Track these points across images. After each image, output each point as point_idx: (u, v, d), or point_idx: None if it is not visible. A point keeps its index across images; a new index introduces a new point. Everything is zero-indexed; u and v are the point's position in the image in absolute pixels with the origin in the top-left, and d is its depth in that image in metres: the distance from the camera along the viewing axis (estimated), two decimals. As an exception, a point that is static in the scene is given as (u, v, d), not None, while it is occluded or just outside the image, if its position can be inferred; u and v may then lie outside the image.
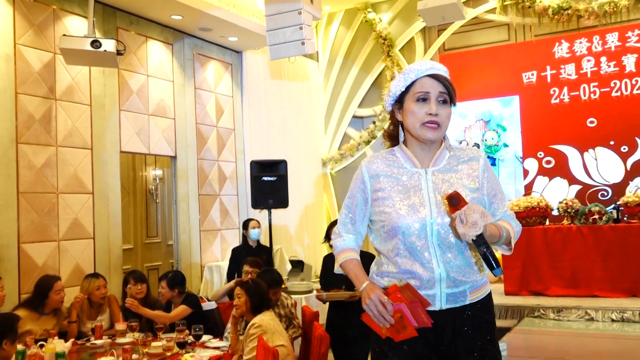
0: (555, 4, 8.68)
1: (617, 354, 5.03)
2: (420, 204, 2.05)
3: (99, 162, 6.28)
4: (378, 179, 2.15)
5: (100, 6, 6.30)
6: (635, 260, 6.70)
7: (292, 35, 6.95)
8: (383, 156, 2.20)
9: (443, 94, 2.06)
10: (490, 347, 2.10)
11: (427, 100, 2.06)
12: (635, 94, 8.40)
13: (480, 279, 2.12)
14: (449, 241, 2.04)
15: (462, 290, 2.06)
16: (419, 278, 2.03)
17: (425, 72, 2.08)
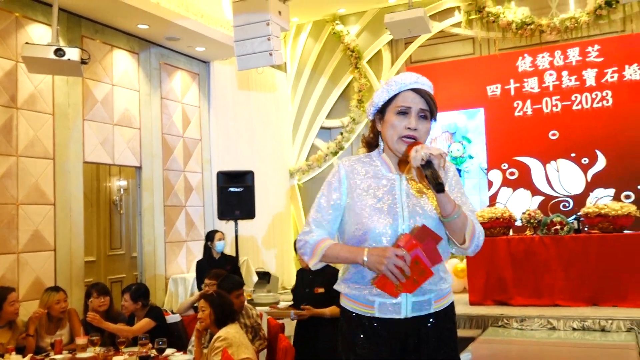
0: (518, 19, 8.86)
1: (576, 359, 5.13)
2: (393, 209, 2.05)
3: (61, 173, 6.19)
4: (354, 181, 2.14)
5: (65, 14, 6.24)
6: (596, 269, 6.79)
7: (260, 46, 6.96)
8: (360, 159, 2.20)
9: (424, 110, 2.08)
10: (453, 355, 2.13)
11: (408, 115, 2.06)
12: (595, 107, 8.60)
13: (444, 289, 2.12)
14: None
15: (428, 299, 2.07)
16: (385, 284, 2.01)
17: (408, 86, 2.09)
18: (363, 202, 2.09)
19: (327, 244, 2.06)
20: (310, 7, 9.43)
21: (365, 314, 2.08)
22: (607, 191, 8.48)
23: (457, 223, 1.98)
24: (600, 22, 8.59)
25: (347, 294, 2.13)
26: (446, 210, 1.96)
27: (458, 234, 2.00)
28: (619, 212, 6.89)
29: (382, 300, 2.04)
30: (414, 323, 2.06)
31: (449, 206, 1.96)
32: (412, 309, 2.05)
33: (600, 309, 6.55)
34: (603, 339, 5.70)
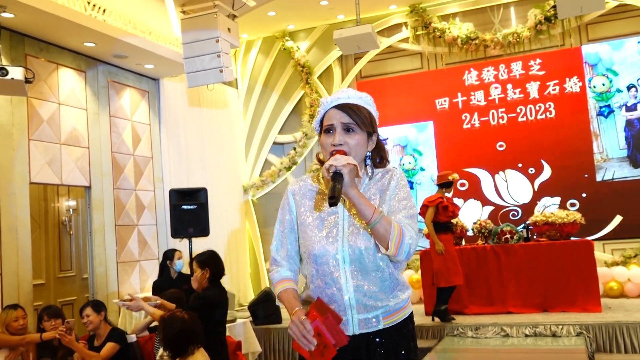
0: (463, 34, 9.03)
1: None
2: (335, 232, 2.05)
3: (6, 195, 6.00)
4: (301, 204, 2.16)
5: (8, 32, 6.07)
6: (545, 276, 6.97)
7: (210, 63, 6.92)
8: (309, 181, 2.20)
9: (347, 123, 2.05)
10: None
11: (333, 131, 2.06)
12: (539, 119, 8.82)
13: (395, 305, 2.10)
14: (362, 266, 2.03)
15: (375, 316, 2.06)
16: (332, 304, 2.02)
17: (330, 105, 2.10)
18: (306, 223, 2.11)
19: (280, 288, 2.11)
20: (259, 23, 9.44)
21: None
22: (553, 199, 8.67)
23: (379, 229, 1.95)
24: (541, 37, 8.83)
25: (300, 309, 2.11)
26: (365, 217, 1.95)
27: (381, 240, 1.97)
28: (565, 220, 7.13)
29: None
30: (362, 339, 2.06)
31: (367, 213, 1.94)
32: (359, 326, 2.04)
33: (551, 315, 6.75)
34: (554, 344, 5.82)
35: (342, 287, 2.03)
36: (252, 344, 6.60)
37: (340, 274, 2.03)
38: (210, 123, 9.32)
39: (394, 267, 2.09)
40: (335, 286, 2.03)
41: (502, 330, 6.35)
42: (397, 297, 2.11)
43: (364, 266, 2.04)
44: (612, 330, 6.04)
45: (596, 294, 6.81)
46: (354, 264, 2.03)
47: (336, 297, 2.03)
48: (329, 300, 2.03)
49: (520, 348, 5.82)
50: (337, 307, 2.03)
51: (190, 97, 8.92)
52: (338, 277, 2.03)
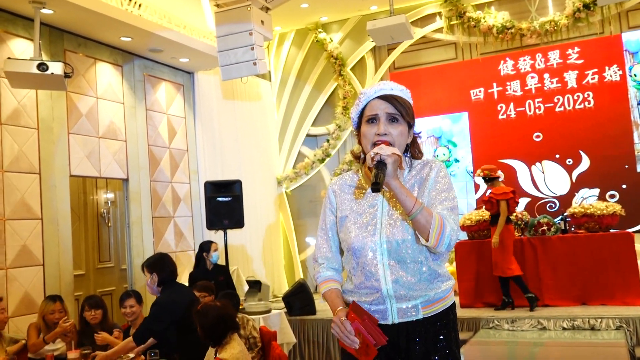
0: (499, 23, 8.98)
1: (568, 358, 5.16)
2: (373, 224, 2.09)
3: (47, 187, 6.14)
4: (341, 200, 2.21)
5: (47, 28, 6.20)
6: (583, 269, 6.91)
7: (244, 56, 6.97)
8: (348, 177, 2.25)
9: (391, 113, 2.08)
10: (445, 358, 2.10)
11: (376, 121, 2.08)
12: (577, 108, 8.72)
13: (434, 295, 2.10)
14: (400, 258, 2.05)
15: (414, 305, 2.07)
16: (373, 293, 2.06)
17: (373, 95, 2.11)
18: (346, 217, 2.16)
19: (325, 288, 2.19)
20: (292, 15, 9.48)
21: None
22: (592, 191, 8.61)
23: (420, 220, 1.96)
24: (579, 25, 8.74)
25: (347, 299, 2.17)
26: (406, 208, 1.97)
27: (422, 231, 1.98)
28: (605, 212, 7.05)
29: (369, 307, 2.07)
30: (402, 328, 2.08)
31: (408, 204, 1.96)
32: (398, 316, 2.07)
33: (589, 308, 6.69)
34: (593, 337, 5.80)
35: (380, 278, 2.05)
36: (286, 334, 6.67)
37: (378, 265, 2.06)
38: (244, 116, 9.41)
39: (433, 258, 2.09)
40: (373, 278, 2.06)
41: (539, 323, 6.31)
42: (437, 287, 2.11)
43: (402, 258, 2.06)
44: None
45: (636, 287, 6.70)
46: (391, 256, 2.06)
47: (375, 288, 2.06)
48: (366, 290, 2.07)
49: (557, 341, 5.79)
50: (376, 297, 2.06)
51: (225, 90, 9.00)
52: (377, 269, 2.06)
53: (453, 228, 2.00)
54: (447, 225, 1.97)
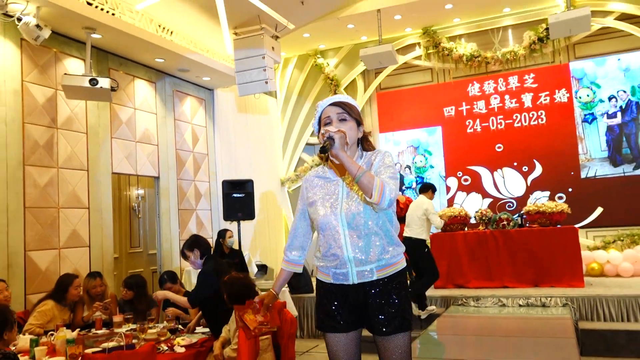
0: (468, 52, 9.10)
1: (523, 331, 5.18)
2: (336, 204, 2.16)
3: (93, 182, 6.19)
4: (312, 189, 2.27)
5: (95, 50, 6.27)
6: (536, 257, 6.96)
7: (257, 76, 7.12)
8: (319, 170, 2.33)
9: (341, 113, 2.19)
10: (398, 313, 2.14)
11: (331, 122, 2.19)
12: (532, 124, 8.82)
13: (387, 260, 2.15)
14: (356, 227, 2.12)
15: (370, 269, 2.13)
16: (336, 259, 2.14)
17: (326, 104, 2.24)
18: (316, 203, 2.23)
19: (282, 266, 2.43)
20: (295, 43, 9.61)
21: (325, 281, 2.22)
22: (543, 193, 8.68)
23: (363, 181, 1.99)
24: (534, 55, 8.86)
25: (317, 266, 2.27)
26: (351, 173, 2.02)
27: (366, 191, 2.01)
28: (554, 210, 7.09)
29: (334, 271, 2.16)
30: (360, 288, 2.14)
31: (353, 169, 2.01)
32: (357, 277, 2.13)
33: (541, 289, 6.73)
34: (544, 312, 5.83)
35: (342, 246, 2.11)
36: (290, 308, 6.73)
37: (340, 236, 2.12)
38: (254, 126, 9.46)
39: (385, 230, 2.15)
40: (337, 245, 2.12)
41: (500, 301, 6.37)
42: (389, 254, 2.15)
43: (358, 229, 2.11)
44: (593, 302, 6.05)
45: (580, 272, 6.78)
46: (350, 227, 2.11)
47: (338, 255, 2.12)
48: (331, 257, 2.15)
49: (514, 316, 5.81)
50: (339, 262, 2.13)
51: (239, 105, 9.08)
52: (339, 238, 2.12)
53: (392, 188, 2.04)
54: (386, 185, 2.02)
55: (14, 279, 5.05)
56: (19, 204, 5.28)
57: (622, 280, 7.22)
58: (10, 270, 5.08)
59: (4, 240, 5.10)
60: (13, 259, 5.16)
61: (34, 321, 4.38)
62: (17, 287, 5.10)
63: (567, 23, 6.92)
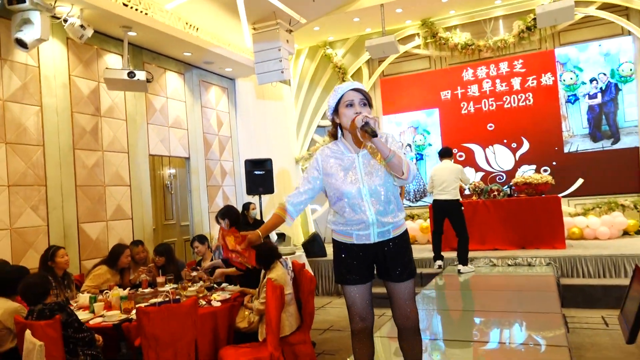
0: (462, 41, 9.09)
1: (512, 286, 5.31)
2: (355, 176, 2.27)
3: (133, 163, 6.33)
4: (328, 162, 2.32)
5: (131, 46, 6.36)
6: (523, 222, 7.08)
7: (274, 66, 7.20)
8: (330, 147, 2.39)
9: (362, 99, 2.30)
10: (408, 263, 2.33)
11: (353, 105, 2.28)
12: (520, 105, 8.84)
13: (398, 222, 2.29)
14: (377, 196, 2.23)
15: (387, 229, 2.28)
16: (361, 223, 2.24)
17: (348, 88, 2.32)
18: (334, 174, 2.30)
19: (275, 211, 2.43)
20: (307, 36, 9.63)
21: (347, 242, 2.32)
22: (530, 166, 8.72)
23: (394, 162, 2.12)
24: (523, 42, 8.83)
25: (336, 229, 2.35)
26: (384, 153, 2.13)
27: (397, 170, 2.13)
28: (540, 181, 7.23)
29: (357, 233, 2.27)
30: (380, 245, 2.28)
31: (385, 151, 2.12)
32: (378, 236, 2.27)
33: (527, 251, 6.88)
34: (530, 271, 5.97)
35: (366, 211, 2.23)
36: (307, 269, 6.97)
37: (365, 203, 2.23)
38: (271, 111, 9.52)
39: (396, 198, 2.28)
40: (362, 212, 2.23)
41: (491, 262, 6.52)
42: (399, 216, 2.30)
43: (378, 197, 2.23)
44: (573, 262, 6.19)
45: (562, 236, 6.91)
46: (372, 196, 2.23)
47: (363, 219, 2.23)
48: (357, 221, 2.23)
49: (504, 274, 5.95)
50: (364, 226, 2.24)
51: (257, 92, 9.15)
52: (363, 206, 2.23)
53: (414, 167, 2.22)
54: (411, 164, 2.19)
55: (70, 247, 5.25)
56: (71, 183, 5.45)
57: (600, 242, 7.35)
58: (66, 240, 5.29)
59: (60, 214, 5.30)
60: (68, 230, 5.36)
61: (90, 283, 4.61)
62: (73, 254, 5.30)
63: (553, 13, 6.92)
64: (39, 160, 5.12)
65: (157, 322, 3.11)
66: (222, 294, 4.12)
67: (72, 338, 3.07)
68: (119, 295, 3.93)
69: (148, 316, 3.11)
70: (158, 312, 3.13)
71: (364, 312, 2.29)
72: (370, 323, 2.32)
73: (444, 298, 5.13)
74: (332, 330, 5.52)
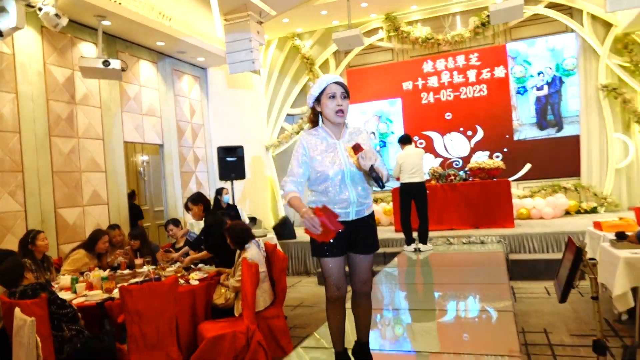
0: (423, 35, 9.23)
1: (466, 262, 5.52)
2: (338, 160, 2.37)
3: (108, 150, 6.25)
4: (313, 147, 2.38)
5: (104, 35, 6.22)
6: (477, 204, 7.31)
7: (245, 57, 7.12)
8: (312, 133, 2.44)
9: (343, 92, 2.39)
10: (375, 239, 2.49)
11: (335, 97, 2.36)
12: (475, 96, 9.06)
13: (370, 202, 2.43)
14: (356, 179, 2.35)
15: (363, 209, 2.42)
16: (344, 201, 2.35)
17: (332, 81, 2.41)
18: (317, 157, 2.36)
19: (291, 195, 2.32)
20: (276, 27, 9.58)
21: None
22: (484, 153, 8.96)
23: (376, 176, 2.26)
24: (478, 37, 9.03)
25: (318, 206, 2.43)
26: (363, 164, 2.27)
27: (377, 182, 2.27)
28: (492, 166, 7.45)
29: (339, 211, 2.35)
30: (356, 222, 2.41)
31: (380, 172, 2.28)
32: (355, 214, 2.39)
33: (480, 230, 7.11)
34: (482, 248, 6.18)
35: (349, 192, 2.34)
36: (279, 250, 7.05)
37: (347, 184, 2.34)
38: (241, 100, 9.44)
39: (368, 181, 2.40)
40: (345, 191, 2.34)
41: (448, 240, 6.72)
42: (370, 198, 2.44)
43: (356, 180, 2.35)
44: (520, 239, 6.45)
45: (511, 216, 7.13)
46: (353, 180, 2.34)
47: (345, 198, 2.34)
48: (340, 200, 2.34)
49: (459, 251, 6.14)
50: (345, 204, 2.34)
51: (228, 81, 9.07)
52: (345, 187, 2.34)
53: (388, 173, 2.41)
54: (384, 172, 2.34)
55: (48, 232, 5.17)
56: (47, 169, 5.36)
57: (544, 221, 7.66)
58: (43, 224, 5.21)
59: (37, 200, 5.21)
60: (45, 215, 5.29)
61: (69, 267, 4.56)
62: (51, 238, 5.23)
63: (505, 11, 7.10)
64: (15, 147, 5.01)
65: (140, 299, 3.17)
66: (200, 274, 4.17)
67: (56, 314, 3.09)
68: (100, 276, 3.94)
69: (131, 294, 3.16)
70: (141, 290, 3.18)
71: (340, 281, 2.42)
72: (344, 292, 2.45)
73: (405, 274, 5.32)
74: (303, 307, 5.65)
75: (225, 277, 4.11)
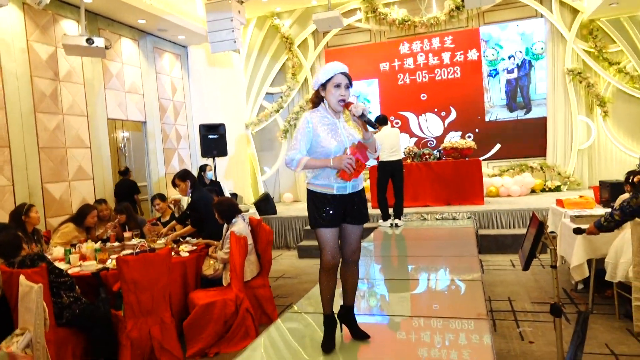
0: (400, 17, 9.33)
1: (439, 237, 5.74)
2: (340, 137, 2.52)
3: (93, 126, 6.25)
4: (317, 124, 2.48)
5: (86, 12, 6.15)
6: (449, 182, 7.52)
7: (227, 36, 7.14)
8: (315, 112, 2.54)
9: (348, 84, 2.55)
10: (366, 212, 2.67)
11: (340, 87, 2.51)
12: (449, 78, 9.27)
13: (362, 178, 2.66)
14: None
15: (357, 183, 2.59)
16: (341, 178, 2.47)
17: (339, 71, 2.55)
18: (322, 134, 2.48)
19: (307, 159, 2.45)
20: (256, 7, 9.54)
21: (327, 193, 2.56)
22: (456, 133, 9.22)
23: (372, 143, 2.45)
24: (453, 20, 9.17)
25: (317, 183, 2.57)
26: (367, 136, 2.44)
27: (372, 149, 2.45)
28: (464, 146, 7.64)
29: (338, 185, 2.52)
30: (352, 195, 2.58)
31: (368, 134, 2.49)
32: (352, 188, 2.56)
33: (452, 207, 7.34)
34: (454, 224, 6.39)
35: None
36: (264, 224, 7.21)
37: None
38: (222, 78, 9.46)
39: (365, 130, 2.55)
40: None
41: (422, 216, 6.92)
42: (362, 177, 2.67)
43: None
44: (489, 215, 6.73)
45: (481, 194, 7.38)
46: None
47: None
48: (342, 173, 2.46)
49: (433, 227, 6.32)
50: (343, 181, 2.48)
51: (209, 60, 9.06)
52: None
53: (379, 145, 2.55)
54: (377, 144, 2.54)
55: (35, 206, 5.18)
56: (33, 145, 5.37)
57: (512, 199, 8.00)
58: (31, 199, 5.25)
59: (24, 175, 5.24)
60: (33, 190, 5.32)
61: (59, 240, 4.66)
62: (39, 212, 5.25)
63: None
64: (1, 123, 5.00)
65: (136, 269, 3.33)
66: (189, 246, 4.33)
67: (54, 282, 3.23)
68: (94, 247, 4.07)
69: (128, 264, 3.32)
70: (137, 260, 3.34)
71: (335, 250, 2.61)
72: (338, 260, 2.65)
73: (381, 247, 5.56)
74: (284, 278, 5.88)
75: (213, 250, 4.29)
